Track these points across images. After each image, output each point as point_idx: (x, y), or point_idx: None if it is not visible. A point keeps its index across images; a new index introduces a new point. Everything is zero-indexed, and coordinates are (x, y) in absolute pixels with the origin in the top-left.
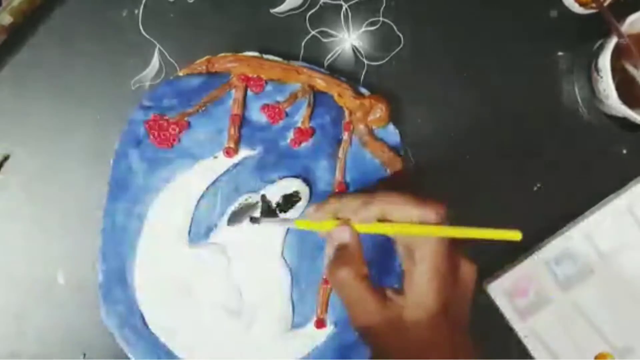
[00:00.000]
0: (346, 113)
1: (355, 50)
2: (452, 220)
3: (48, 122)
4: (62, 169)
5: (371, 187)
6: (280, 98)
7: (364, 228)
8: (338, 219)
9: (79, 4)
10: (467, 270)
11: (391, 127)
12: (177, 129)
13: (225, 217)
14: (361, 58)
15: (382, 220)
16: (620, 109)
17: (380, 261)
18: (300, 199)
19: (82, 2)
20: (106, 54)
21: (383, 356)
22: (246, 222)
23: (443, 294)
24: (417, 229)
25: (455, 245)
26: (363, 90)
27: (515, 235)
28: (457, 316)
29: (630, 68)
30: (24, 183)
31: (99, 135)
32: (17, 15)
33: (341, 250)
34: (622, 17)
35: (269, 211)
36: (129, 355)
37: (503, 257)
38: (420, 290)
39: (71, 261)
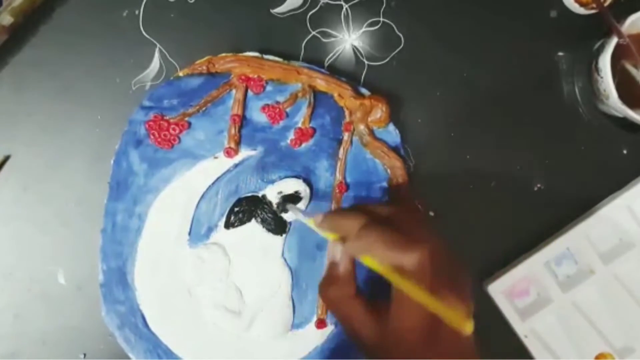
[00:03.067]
0: (346, 113)
1: (355, 50)
2: (452, 220)
3: (48, 122)
4: (63, 169)
5: (377, 204)
6: (280, 98)
7: (362, 258)
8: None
9: (79, 4)
10: (459, 338)
11: (391, 127)
12: (178, 129)
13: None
14: (361, 58)
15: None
16: (620, 109)
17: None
18: (300, 199)
19: (83, 2)
20: (106, 54)
21: None
22: (247, 225)
23: (424, 338)
24: (394, 278)
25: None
26: (363, 91)
27: (466, 325)
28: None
29: (630, 68)
30: (24, 183)
31: (99, 136)
32: (18, 15)
33: (332, 268)
34: (622, 17)
35: (270, 211)
36: (129, 355)
37: (503, 257)
38: (403, 320)
39: (71, 261)
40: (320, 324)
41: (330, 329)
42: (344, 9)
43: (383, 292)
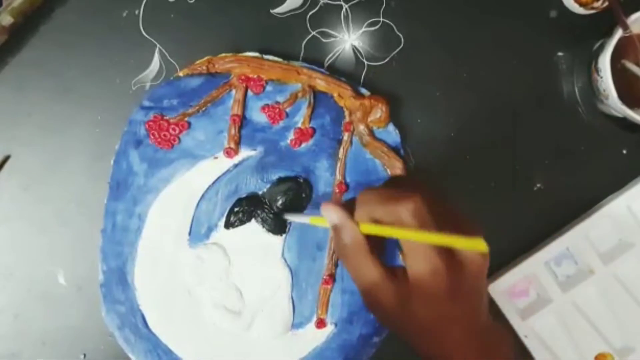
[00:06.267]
0: (346, 113)
1: (355, 50)
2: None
3: (48, 122)
4: (62, 169)
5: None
6: (280, 98)
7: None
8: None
9: (79, 5)
10: (475, 258)
11: (391, 127)
12: (178, 130)
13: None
14: (361, 58)
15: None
16: (620, 109)
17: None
18: (303, 199)
19: (83, 2)
20: (106, 54)
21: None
22: (247, 225)
23: (444, 276)
24: (398, 233)
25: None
26: (363, 91)
27: (479, 244)
28: (468, 306)
29: (631, 65)
30: (24, 183)
31: (99, 136)
32: (18, 15)
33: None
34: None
35: (271, 212)
36: (129, 355)
37: (503, 257)
38: (419, 268)
39: (71, 261)
40: (320, 324)
41: (330, 328)
42: (344, 9)
43: None
